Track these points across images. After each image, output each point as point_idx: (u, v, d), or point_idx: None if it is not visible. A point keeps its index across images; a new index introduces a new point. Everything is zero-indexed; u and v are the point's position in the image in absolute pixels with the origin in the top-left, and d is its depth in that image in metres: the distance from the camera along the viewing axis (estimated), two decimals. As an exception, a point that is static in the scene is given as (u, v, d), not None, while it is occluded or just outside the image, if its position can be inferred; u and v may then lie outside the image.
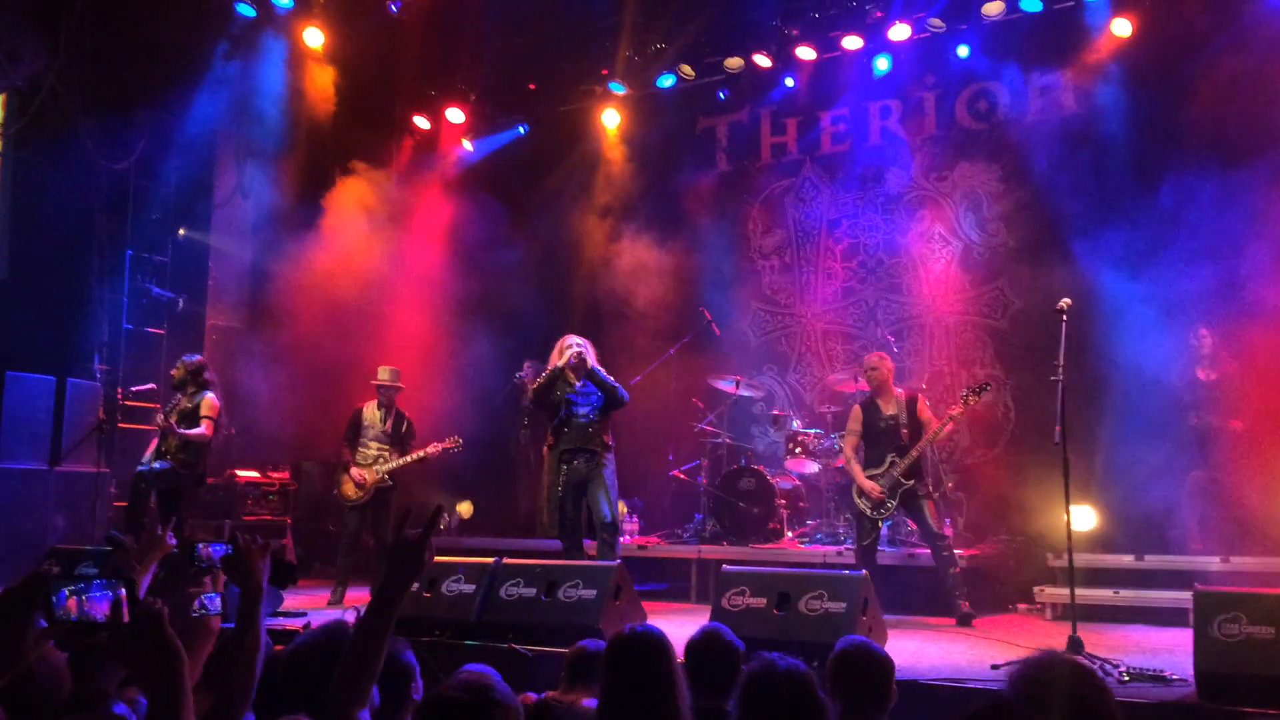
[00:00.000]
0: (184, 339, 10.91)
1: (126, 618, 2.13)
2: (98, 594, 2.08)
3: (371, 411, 8.71)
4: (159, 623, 2.17)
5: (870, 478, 7.47)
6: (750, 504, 9.09)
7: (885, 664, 3.33)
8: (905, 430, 7.51)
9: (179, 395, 8.59)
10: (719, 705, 3.21)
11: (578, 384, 7.43)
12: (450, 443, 8.50)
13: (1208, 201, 8.12)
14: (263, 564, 2.66)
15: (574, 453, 7.46)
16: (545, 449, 7.76)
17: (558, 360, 7.48)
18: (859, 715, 3.13)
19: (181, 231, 11.23)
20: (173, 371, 8.71)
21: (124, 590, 2.12)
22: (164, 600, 2.41)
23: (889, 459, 7.46)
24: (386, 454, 8.53)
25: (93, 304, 10.40)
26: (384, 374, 8.74)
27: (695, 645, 3.93)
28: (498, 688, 2.33)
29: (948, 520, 8.46)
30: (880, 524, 7.60)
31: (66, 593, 2.06)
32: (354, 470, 8.48)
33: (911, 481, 7.35)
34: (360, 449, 8.56)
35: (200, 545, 2.91)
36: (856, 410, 7.85)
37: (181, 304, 11.07)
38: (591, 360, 7.48)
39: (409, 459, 8.50)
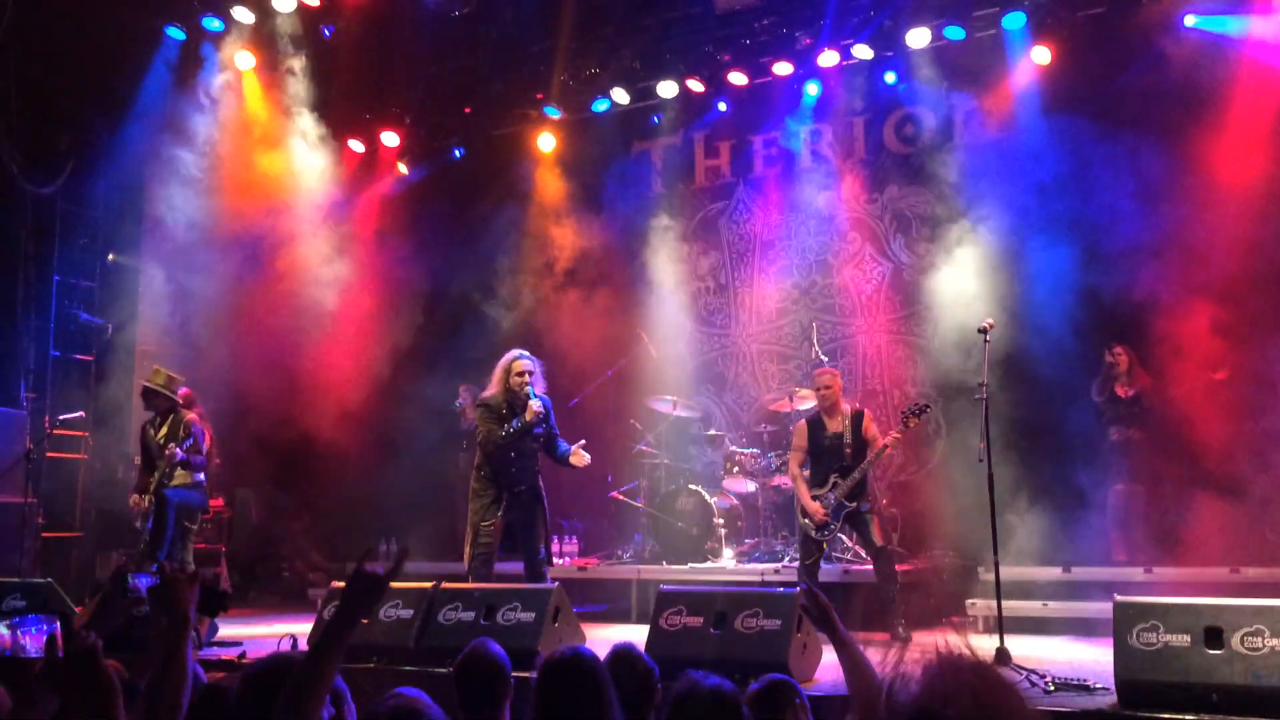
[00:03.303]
0: (113, 366, 10.75)
1: (61, 652, 2.12)
2: (32, 628, 2.07)
3: (149, 429, 7.84)
4: (94, 657, 2.16)
5: (814, 498, 7.43)
6: (688, 524, 9.16)
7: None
8: (849, 449, 7.46)
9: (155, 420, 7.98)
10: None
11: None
12: (177, 445, 7.43)
13: (1126, 223, 8.40)
14: (190, 594, 2.62)
15: (514, 486, 7.11)
16: (478, 476, 7.25)
17: (504, 381, 7.11)
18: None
19: (111, 256, 11.04)
20: (153, 399, 7.94)
21: (58, 625, 2.12)
22: (98, 632, 2.40)
23: (832, 479, 7.41)
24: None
25: (19, 331, 10.18)
26: (153, 377, 7.83)
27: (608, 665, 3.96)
28: (426, 714, 2.34)
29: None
30: (824, 544, 7.67)
31: (1, 627, 2.06)
32: (132, 498, 7.74)
33: (854, 504, 7.33)
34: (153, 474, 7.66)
35: (130, 576, 2.89)
36: (802, 426, 7.78)
37: (111, 330, 10.89)
38: (541, 386, 7.20)
39: (165, 472, 7.53)
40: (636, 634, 6.67)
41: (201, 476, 7.86)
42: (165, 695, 2.47)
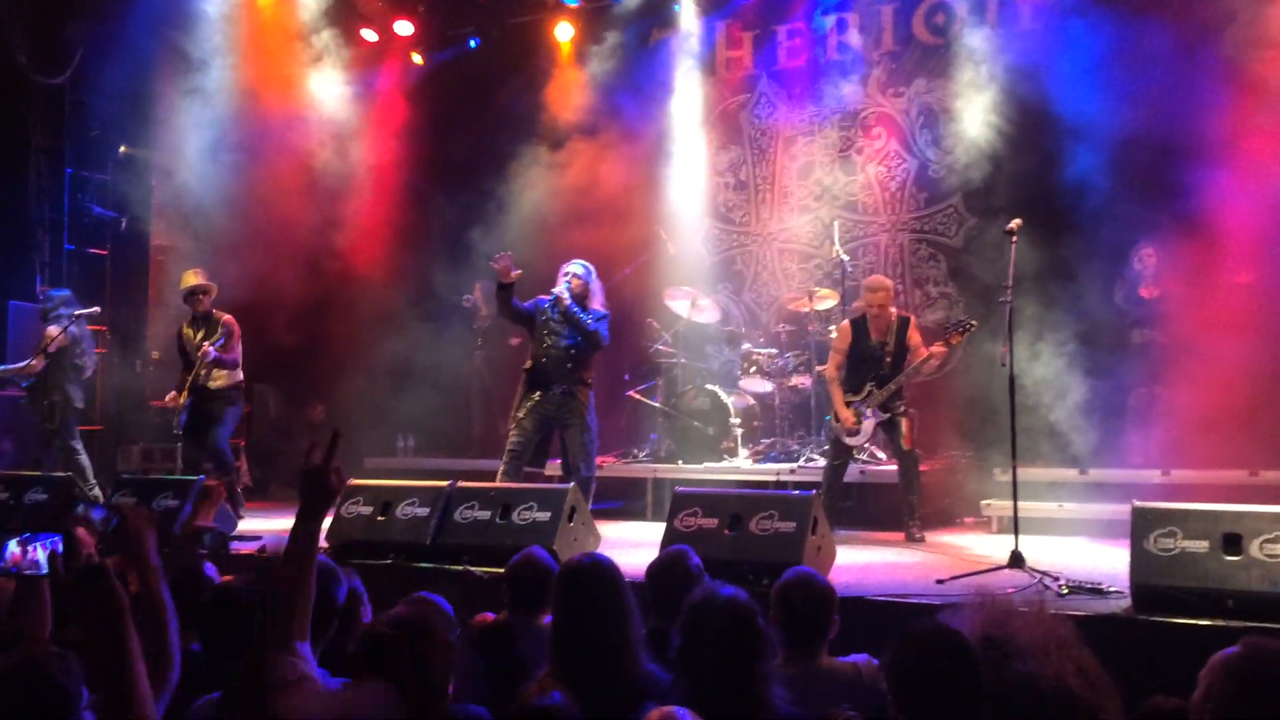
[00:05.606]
0: (128, 259, 10.73)
1: (62, 568, 2.09)
2: (43, 543, 2.05)
3: (186, 329, 8.12)
4: (101, 576, 2.08)
5: (848, 404, 7.30)
6: (705, 423, 9.15)
7: (825, 596, 3.35)
8: (889, 359, 7.31)
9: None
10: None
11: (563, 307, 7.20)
12: (215, 340, 7.80)
13: (1160, 119, 8.13)
14: (151, 536, 2.42)
15: (548, 385, 7.20)
16: (524, 370, 7.44)
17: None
18: (797, 647, 3.17)
19: (123, 149, 10.92)
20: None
21: (61, 543, 2.08)
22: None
23: (868, 388, 7.29)
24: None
25: (33, 225, 10.14)
26: (189, 278, 8.11)
27: (654, 569, 3.97)
28: (431, 622, 2.32)
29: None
30: (854, 450, 7.64)
31: (12, 544, 2.04)
32: (168, 395, 7.97)
33: (888, 414, 7.24)
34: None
35: (82, 505, 2.83)
36: (845, 328, 7.58)
37: (124, 224, 10.82)
38: (593, 286, 7.39)
39: (200, 372, 7.80)
40: (652, 532, 6.74)
41: (240, 376, 8.07)
42: (148, 631, 2.36)
